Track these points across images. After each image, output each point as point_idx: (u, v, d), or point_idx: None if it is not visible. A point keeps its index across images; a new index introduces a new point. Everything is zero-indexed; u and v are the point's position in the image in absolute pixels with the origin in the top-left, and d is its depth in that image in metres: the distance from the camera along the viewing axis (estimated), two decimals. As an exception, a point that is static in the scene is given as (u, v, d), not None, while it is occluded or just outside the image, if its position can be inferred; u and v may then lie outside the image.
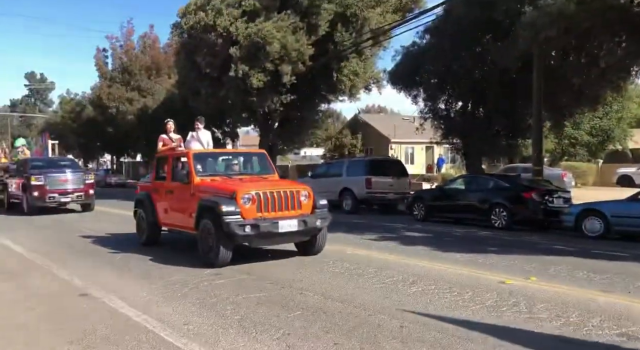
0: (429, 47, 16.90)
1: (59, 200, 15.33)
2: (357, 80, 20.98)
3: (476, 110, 17.79)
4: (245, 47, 18.34)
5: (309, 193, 7.40)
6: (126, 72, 36.51)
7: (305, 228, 7.13)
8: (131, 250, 8.55)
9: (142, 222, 9.01)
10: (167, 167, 8.45)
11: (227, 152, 9.87)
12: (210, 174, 7.85)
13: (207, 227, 6.96)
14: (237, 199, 6.72)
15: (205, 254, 7.05)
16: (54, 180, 15.18)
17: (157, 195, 8.66)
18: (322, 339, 4.08)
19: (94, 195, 16.29)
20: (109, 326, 4.44)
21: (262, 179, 8.06)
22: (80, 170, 17.61)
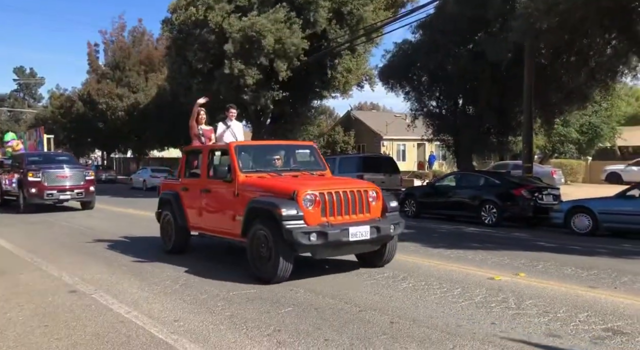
0: (421, 43, 16.96)
1: (58, 198, 14.54)
2: (350, 76, 21.01)
3: (467, 108, 17.90)
4: (238, 42, 18.21)
5: (378, 193, 6.28)
6: (118, 68, 36.20)
7: (378, 236, 5.96)
8: (123, 247, 8.51)
9: (169, 226, 7.77)
10: (202, 162, 7.30)
11: (273, 145, 8.40)
12: (256, 170, 6.71)
13: (260, 235, 5.84)
14: (299, 200, 5.60)
15: (257, 266, 5.91)
16: (52, 176, 14.37)
17: (188, 195, 7.47)
18: (312, 335, 4.09)
19: (95, 193, 15.56)
20: (99, 323, 4.43)
21: (319, 176, 7.01)
22: (80, 165, 16.90)
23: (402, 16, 18.16)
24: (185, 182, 7.66)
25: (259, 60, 18.31)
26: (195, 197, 7.29)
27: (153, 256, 7.57)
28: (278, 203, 5.59)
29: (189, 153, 7.97)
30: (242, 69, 18.27)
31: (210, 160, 7.25)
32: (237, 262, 7.02)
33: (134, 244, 8.78)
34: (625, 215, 9.82)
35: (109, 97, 34.24)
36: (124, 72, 35.76)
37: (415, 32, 17.41)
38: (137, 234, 10.12)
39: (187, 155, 7.98)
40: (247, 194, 6.21)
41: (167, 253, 7.65)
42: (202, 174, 7.27)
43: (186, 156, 7.99)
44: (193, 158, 7.82)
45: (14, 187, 15.13)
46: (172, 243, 7.72)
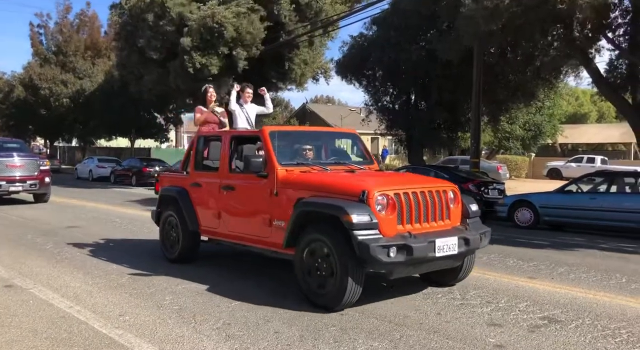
0: (376, 38, 17.13)
1: (7, 189, 13.21)
2: (306, 69, 20.96)
3: (419, 103, 18.27)
4: (197, 33, 17.70)
5: (457, 194, 5.09)
6: (61, 52, 34.48)
7: (466, 249, 4.78)
8: (67, 240, 8.16)
9: (173, 230, 6.43)
10: (222, 151, 5.88)
11: (314, 131, 7.09)
12: (297, 162, 5.42)
13: (316, 247, 4.58)
14: (370, 203, 4.38)
15: (313, 288, 4.64)
16: (2, 165, 13.09)
17: (201, 192, 6.09)
18: (262, 327, 4.08)
19: (50, 184, 14.18)
20: (37, 319, 4.23)
21: (377, 172, 6.09)
22: (33, 155, 15.41)
23: (357, 10, 18.26)
24: (196, 176, 6.23)
25: (219, 50, 17.90)
26: (211, 195, 5.92)
27: (99, 249, 7.30)
28: (345, 206, 4.32)
29: (202, 140, 6.40)
30: (203, 62, 17.78)
31: (234, 150, 5.86)
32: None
33: (78, 236, 8.42)
34: (563, 209, 10.36)
35: (53, 83, 32.58)
36: (67, 57, 34.10)
37: (369, 28, 17.58)
38: (82, 225, 9.73)
39: (198, 142, 6.42)
40: (291, 193, 4.96)
41: (170, 262, 6.38)
42: (221, 167, 5.86)
43: (196, 144, 6.43)
44: (206, 146, 6.33)
45: None
46: (177, 250, 6.35)
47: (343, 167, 5.63)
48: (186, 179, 6.42)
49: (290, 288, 5.24)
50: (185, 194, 6.25)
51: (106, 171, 25.83)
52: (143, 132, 34.80)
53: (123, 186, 22.65)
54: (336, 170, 5.46)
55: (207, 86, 7.06)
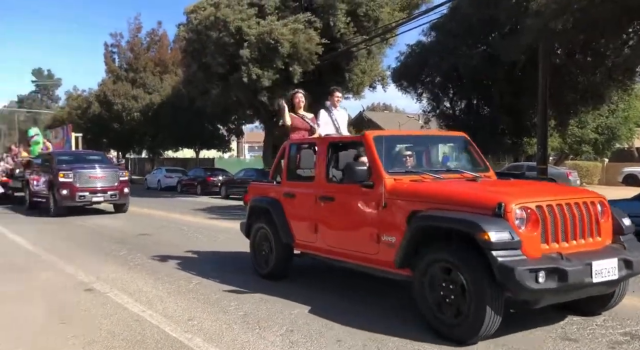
0: (434, 44, 16.90)
1: (90, 200, 13.56)
2: (364, 77, 21.02)
3: (481, 109, 17.79)
4: (256, 47, 18.30)
5: (606, 206, 4.33)
6: (131, 69, 36.64)
7: (627, 273, 4.01)
8: (139, 246, 8.61)
9: (265, 243, 6.07)
10: (318, 159, 5.45)
11: (422, 136, 6.33)
12: (406, 171, 4.91)
13: (443, 271, 3.94)
14: (509, 218, 3.71)
15: (439, 316, 3.99)
16: (85, 177, 13.39)
17: (295, 203, 5.67)
18: (325, 335, 4.10)
19: (129, 195, 14.53)
20: (114, 321, 4.49)
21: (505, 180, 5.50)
22: (113, 165, 15.76)
23: (416, 17, 18.10)
24: (289, 186, 5.82)
25: (275, 64, 18.40)
26: (306, 206, 5.48)
27: (167, 256, 7.64)
28: (478, 221, 3.68)
29: (292, 148, 5.96)
30: (259, 73, 18.36)
31: (331, 157, 5.37)
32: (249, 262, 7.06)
33: (148, 244, 8.87)
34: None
35: (125, 98, 34.65)
36: (137, 73, 36.17)
37: (427, 34, 17.39)
38: (152, 233, 10.23)
39: (289, 150, 5.99)
40: (402, 206, 4.41)
41: (263, 277, 6.05)
42: (317, 176, 5.42)
43: (288, 152, 6.00)
44: (298, 154, 5.84)
45: (44, 188, 14.22)
46: (270, 265, 5.99)
47: (457, 175, 4.98)
48: (278, 189, 5.99)
49: (353, 296, 5.23)
50: (278, 205, 5.83)
51: (173, 181, 27.06)
52: (207, 143, 36.23)
53: (189, 195, 23.61)
54: (450, 178, 4.86)
55: (296, 91, 6.62)
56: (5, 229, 10.97)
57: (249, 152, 61.84)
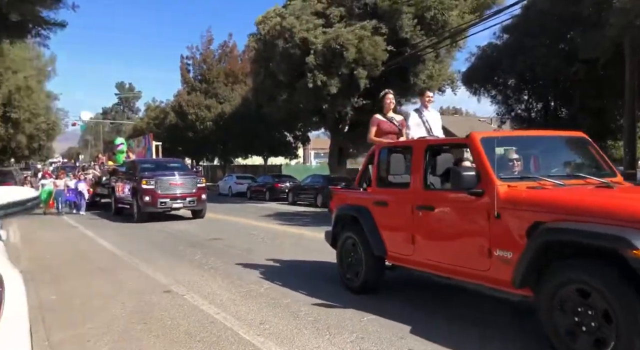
0: (507, 46, 16.26)
1: (171, 206, 14.03)
2: (432, 82, 20.64)
3: (559, 111, 16.85)
4: (321, 54, 18.55)
5: None
6: (204, 80, 38.33)
7: None
8: (213, 251, 8.95)
9: (354, 255, 5.65)
10: (414, 164, 5.01)
11: (536, 136, 5.46)
12: (520, 176, 4.39)
13: (580, 294, 3.41)
14: None
15: (571, 348, 3.44)
16: (166, 184, 13.86)
17: (387, 212, 5.27)
18: (395, 344, 4.03)
19: (206, 201, 14.91)
20: (191, 322, 4.67)
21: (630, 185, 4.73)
22: (191, 173, 16.18)
23: (486, 18, 17.52)
24: (380, 193, 5.43)
25: (340, 71, 18.53)
26: (401, 215, 5.08)
27: (239, 260, 7.87)
28: (626, 235, 3.13)
29: (383, 153, 5.50)
30: (324, 80, 18.57)
31: (428, 162, 4.98)
32: (317, 268, 7.11)
33: (221, 248, 9.19)
34: None
35: (198, 108, 36.29)
36: (210, 84, 37.77)
37: (500, 36, 16.75)
38: (224, 237, 10.59)
39: (379, 155, 5.55)
40: (521, 216, 3.89)
41: (352, 292, 5.62)
42: (413, 182, 4.97)
43: (378, 157, 5.56)
44: (389, 159, 5.35)
45: (128, 195, 14.77)
46: (361, 278, 5.53)
47: (581, 181, 4.38)
48: (367, 196, 5.62)
49: (425, 305, 5.12)
50: (368, 214, 5.44)
51: (243, 187, 27.92)
52: (274, 150, 37.08)
53: (257, 201, 24.23)
54: (574, 184, 4.25)
55: (387, 91, 6.30)
56: (93, 233, 11.81)
57: (315, 158, 62.52)
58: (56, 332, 4.41)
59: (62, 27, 13.02)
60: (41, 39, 13.37)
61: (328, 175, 22.77)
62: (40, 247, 9.67)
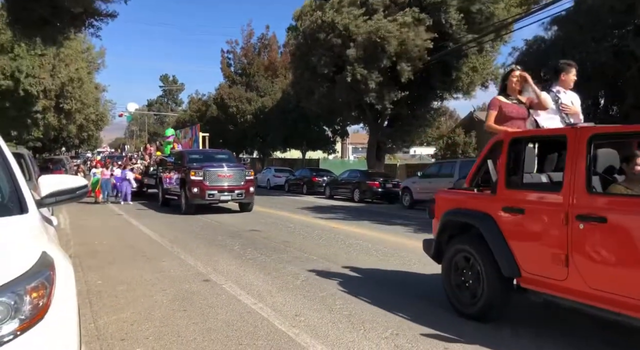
0: (555, 40, 15.66)
1: (218, 198, 13.68)
2: (475, 76, 20.20)
3: (610, 108, 16.14)
4: (362, 46, 18.40)
5: None
6: (245, 73, 38.82)
7: None
8: (249, 241, 9.11)
9: (470, 273, 4.59)
10: (573, 160, 3.85)
11: None
12: None
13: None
14: None
15: None
16: (213, 175, 13.50)
17: (524, 222, 4.15)
18: (432, 342, 4.00)
19: (254, 194, 14.52)
20: (229, 311, 4.79)
21: None
22: (240, 165, 15.81)
23: (534, 11, 16.94)
24: (512, 196, 4.29)
25: (382, 64, 18.36)
26: (547, 227, 3.95)
27: (276, 252, 7.98)
28: None
29: (515, 143, 4.43)
30: (364, 74, 18.45)
31: (592, 158, 3.79)
32: (352, 263, 7.13)
33: (259, 239, 9.34)
34: None
35: (239, 101, 36.82)
36: (251, 78, 38.22)
37: (548, 28, 16.13)
38: (262, 229, 10.74)
39: (508, 146, 4.44)
40: None
41: (465, 317, 4.55)
42: (569, 184, 3.82)
43: (507, 148, 4.44)
44: (523, 152, 4.32)
45: (176, 186, 14.55)
46: (480, 303, 4.41)
47: None
48: (491, 200, 4.48)
49: (459, 305, 5.05)
50: (492, 223, 4.35)
51: (281, 180, 28.21)
52: (313, 144, 37.21)
53: (295, 194, 24.44)
54: None
55: (513, 66, 5.39)
56: (137, 221, 12.24)
57: (353, 153, 62.36)
58: (102, 316, 4.62)
59: (113, 18, 13.48)
60: (94, 29, 13.85)
61: (366, 170, 22.69)
62: (87, 233, 10.11)
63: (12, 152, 3.06)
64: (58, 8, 11.39)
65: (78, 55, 29.94)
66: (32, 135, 31.19)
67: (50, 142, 42.31)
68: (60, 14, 11.82)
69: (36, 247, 2.17)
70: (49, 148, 45.43)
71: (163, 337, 4.06)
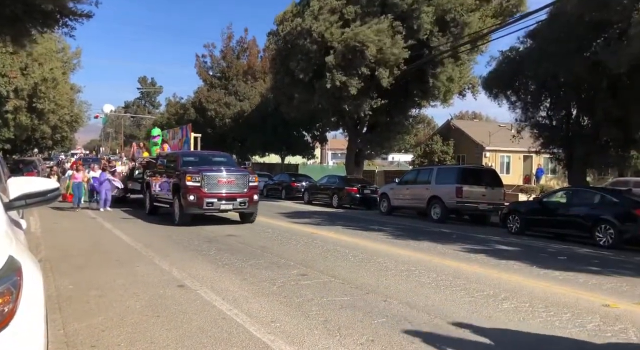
0: (530, 52, 16.02)
1: (218, 207, 11.80)
2: (452, 85, 20.53)
3: (582, 119, 16.55)
4: (340, 53, 18.58)
5: None
6: (224, 77, 38.59)
7: None
8: (226, 247, 9.02)
9: None
10: None
11: None
12: None
13: None
14: None
15: None
16: (213, 181, 11.69)
17: None
18: (406, 348, 4.02)
19: (257, 203, 12.68)
20: (203, 317, 4.72)
21: None
22: (242, 169, 13.86)
23: (509, 23, 17.33)
24: None
25: (360, 70, 18.53)
26: None
27: (251, 257, 7.92)
28: None
29: None
30: (343, 80, 18.58)
31: None
32: (328, 269, 7.12)
33: (235, 244, 9.25)
34: None
35: (218, 105, 36.57)
36: (229, 81, 38.02)
37: (524, 41, 16.50)
38: (239, 234, 10.64)
39: None
40: None
41: None
42: None
43: None
44: None
45: (167, 192, 12.74)
46: None
47: None
48: None
49: (436, 314, 5.08)
50: None
51: (260, 185, 27.99)
52: (292, 149, 37.19)
53: (273, 199, 24.33)
54: None
55: None
56: (111, 225, 12.00)
57: (332, 158, 62.53)
58: (72, 322, 4.50)
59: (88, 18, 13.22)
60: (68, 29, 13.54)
61: (344, 176, 22.76)
62: (59, 237, 9.86)
63: (-20, 153, 2.98)
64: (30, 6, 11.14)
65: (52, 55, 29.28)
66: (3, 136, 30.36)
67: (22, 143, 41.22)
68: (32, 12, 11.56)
69: (2, 251, 2.10)
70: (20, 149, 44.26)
71: (135, 344, 3.98)
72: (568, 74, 14.58)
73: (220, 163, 13.00)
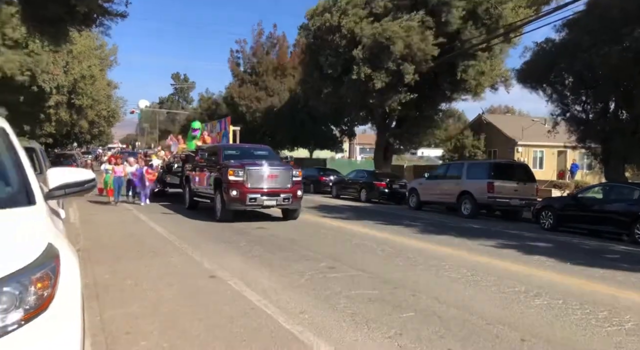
0: (566, 43, 15.52)
1: (261, 203, 11.34)
2: (483, 78, 20.13)
3: (620, 112, 15.96)
4: (368, 48, 18.50)
5: None
6: (254, 73, 38.90)
7: None
8: (256, 239, 9.13)
9: None
10: None
11: None
12: None
13: None
14: None
15: None
16: (256, 175, 11.25)
17: None
18: (435, 343, 4.00)
19: (302, 199, 12.14)
20: (233, 308, 4.81)
21: None
22: (285, 163, 13.33)
23: (544, 14, 16.81)
24: None
25: (387, 65, 18.39)
26: None
27: (281, 250, 7.99)
28: None
29: None
30: (369, 73, 18.49)
31: None
32: (358, 262, 7.13)
33: (266, 236, 9.36)
34: None
35: (249, 100, 36.92)
36: (260, 77, 38.31)
37: (560, 31, 15.99)
38: (268, 227, 10.75)
39: None
40: None
41: None
42: None
43: None
44: None
45: (207, 186, 12.41)
46: None
47: None
48: None
49: (466, 309, 5.03)
50: None
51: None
52: (321, 143, 37.24)
53: (302, 194, 24.40)
54: None
55: None
56: (146, 217, 12.29)
57: (360, 153, 62.27)
58: (108, 309, 4.66)
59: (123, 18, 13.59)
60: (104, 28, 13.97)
61: (373, 171, 22.65)
62: (97, 228, 10.18)
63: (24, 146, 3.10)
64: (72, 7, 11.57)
65: (91, 53, 30.17)
66: (45, 131, 31.51)
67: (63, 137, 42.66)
68: (74, 13, 11.99)
69: (42, 238, 2.20)
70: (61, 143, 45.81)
71: (167, 332, 4.09)
72: (604, 66, 14.08)
73: (263, 157, 12.53)
